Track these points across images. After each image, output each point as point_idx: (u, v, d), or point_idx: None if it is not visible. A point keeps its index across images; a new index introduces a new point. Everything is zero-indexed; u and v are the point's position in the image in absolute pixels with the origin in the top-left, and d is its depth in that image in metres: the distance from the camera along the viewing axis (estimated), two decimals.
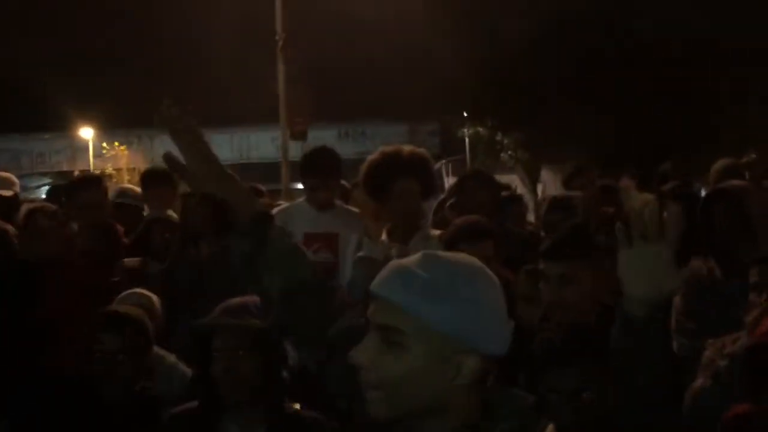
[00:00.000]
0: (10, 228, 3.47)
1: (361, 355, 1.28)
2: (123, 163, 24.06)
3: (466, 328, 1.27)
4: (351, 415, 2.22)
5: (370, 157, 3.42)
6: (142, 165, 24.74)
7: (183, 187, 4.24)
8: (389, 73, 19.87)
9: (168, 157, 1.59)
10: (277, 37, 16.55)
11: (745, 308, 2.45)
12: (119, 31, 23.19)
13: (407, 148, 3.51)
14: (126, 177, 23.42)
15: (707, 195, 2.94)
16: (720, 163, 4.32)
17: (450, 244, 2.89)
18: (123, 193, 4.27)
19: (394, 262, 1.34)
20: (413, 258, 1.33)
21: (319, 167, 3.69)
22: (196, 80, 20.89)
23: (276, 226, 1.60)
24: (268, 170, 21.52)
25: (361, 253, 3.22)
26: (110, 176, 23.13)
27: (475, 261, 1.36)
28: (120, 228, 3.59)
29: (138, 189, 4.40)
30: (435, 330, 1.27)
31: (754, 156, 4.28)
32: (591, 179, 4.65)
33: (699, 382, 2.39)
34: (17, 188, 4.28)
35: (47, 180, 23.63)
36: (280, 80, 16.48)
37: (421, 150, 3.54)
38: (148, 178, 4.24)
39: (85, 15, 23.05)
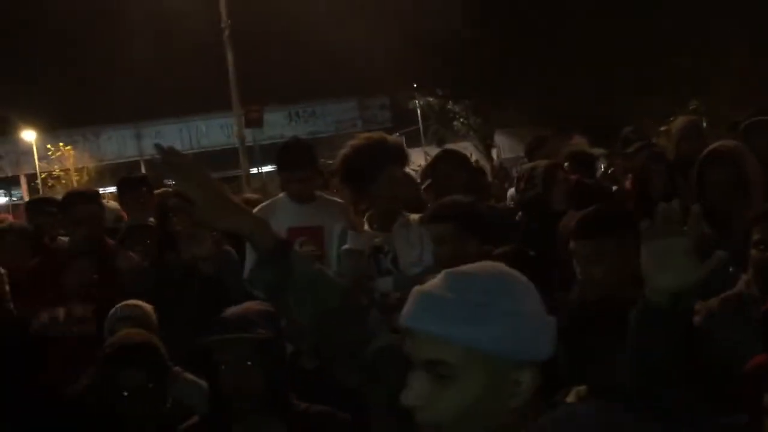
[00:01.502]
0: None
1: (413, 396, 1.22)
2: (70, 163, 23.44)
3: (516, 341, 1.22)
4: None
5: (353, 144, 3.41)
6: (90, 164, 24.23)
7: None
8: (335, 51, 19.70)
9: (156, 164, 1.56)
10: (223, 25, 16.26)
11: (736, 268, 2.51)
12: (60, 29, 22.43)
13: (389, 136, 3.51)
14: (75, 177, 22.87)
15: (703, 157, 2.97)
16: (680, 121, 4.44)
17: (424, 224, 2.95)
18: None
19: (419, 290, 1.27)
20: (437, 281, 1.28)
21: (293, 162, 3.66)
22: (141, 73, 20.41)
23: (297, 254, 1.57)
24: (221, 157, 21.25)
25: (346, 246, 3.24)
26: (59, 178, 22.58)
27: (501, 267, 1.30)
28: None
29: (113, 204, 4.31)
30: (485, 353, 1.21)
31: (697, 103, 4.44)
32: (554, 148, 4.73)
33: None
34: None
35: None
36: (229, 67, 16.23)
37: (398, 140, 3.56)
38: (124, 185, 4.16)
39: (22, 14, 22.24)
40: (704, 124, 5.43)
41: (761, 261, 2.31)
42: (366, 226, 3.33)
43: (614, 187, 4.79)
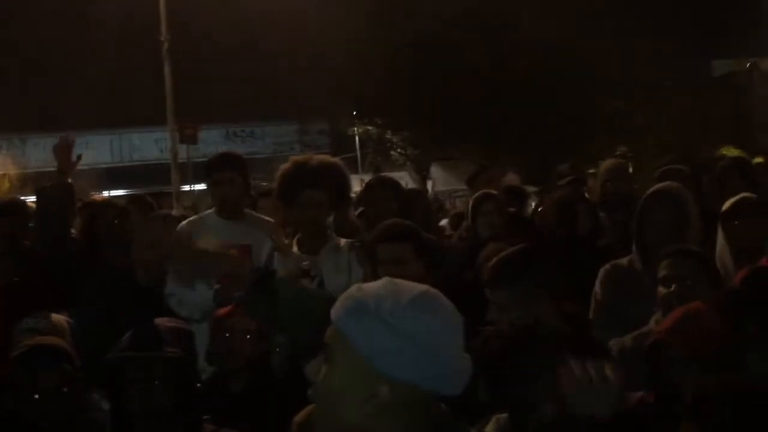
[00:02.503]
0: None
1: (312, 370, 1.39)
2: None
3: (383, 355, 1.25)
4: None
5: (283, 166, 3.39)
6: (13, 170, 23.27)
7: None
8: (277, 73, 19.63)
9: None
10: (162, 38, 16.01)
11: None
12: None
13: (318, 157, 3.49)
14: None
15: (648, 195, 3.05)
16: (608, 163, 4.60)
17: (370, 246, 2.92)
18: None
19: (356, 286, 1.37)
20: (376, 282, 1.36)
21: (223, 162, 3.60)
22: (73, 80, 19.84)
23: (282, 281, 1.71)
24: (151, 172, 20.78)
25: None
26: None
27: (437, 296, 1.33)
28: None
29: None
30: (355, 349, 1.27)
31: (623, 149, 4.64)
32: (494, 177, 4.80)
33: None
34: None
35: None
36: (167, 81, 15.96)
37: (333, 160, 3.53)
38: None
39: None
40: (630, 169, 5.66)
41: (666, 297, 2.39)
42: (295, 248, 3.29)
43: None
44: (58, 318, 2.77)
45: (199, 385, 2.21)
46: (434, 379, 1.27)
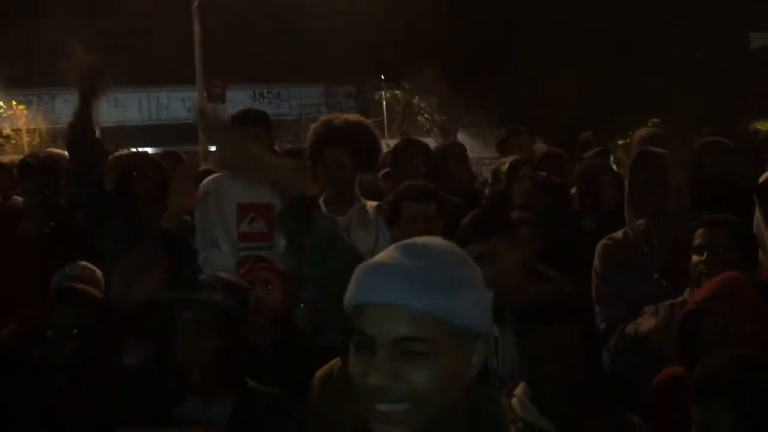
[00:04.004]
0: None
1: (380, 375, 1.11)
2: (22, 123, 22.74)
3: (479, 314, 1.17)
4: None
5: (313, 125, 3.38)
6: (43, 125, 23.53)
7: None
8: (306, 35, 19.49)
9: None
10: None
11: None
12: None
13: (345, 116, 3.45)
14: (26, 138, 22.18)
15: (636, 156, 3.03)
16: (641, 131, 4.51)
17: (395, 203, 2.91)
18: None
19: (376, 263, 1.18)
20: (392, 253, 1.18)
21: (252, 118, 3.59)
22: (103, 38, 19.89)
23: (321, 213, 1.68)
24: (179, 131, 20.87)
25: None
26: (8, 137, 21.89)
27: (442, 239, 1.24)
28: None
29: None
30: (456, 326, 1.13)
31: (655, 120, 4.55)
32: (525, 142, 4.73)
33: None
34: None
35: None
36: (195, 40, 15.93)
37: (358, 119, 3.48)
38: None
39: None
40: None
41: (696, 264, 2.38)
42: (323, 208, 3.28)
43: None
44: (93, 268, 2.81)
45: (244, 339, 2.20)
46: (490, 321, 1.22)
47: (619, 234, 2.95)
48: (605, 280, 2.83)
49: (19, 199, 3.68)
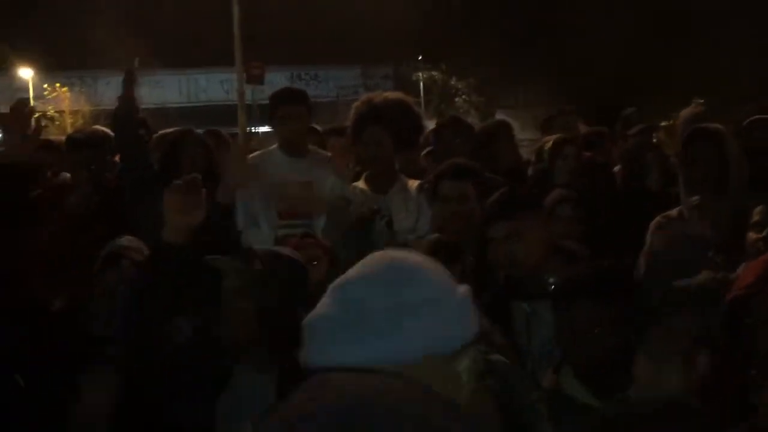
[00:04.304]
0: None
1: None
2: (65, 105, 23.17)
3: (442, 333, 1.05)
4: None
5: (355, 104, 3.39)
6: (86, 107, 23.96)
7: None
8: (343, 16, 19.44)
9: None
10: None
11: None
12: None
13: (386, 94, 3.44)
14: (69, 119, 22.61)
15: (691, 133, 2.98)
16: (687, 111, 4.40)
17: (434, 181, 2.90)
18: None
19: (311, 323, 1.09)
20: (328, 306, 1.09)
21: (291, 96, 3.62)
22: (143, 20, 20.10)
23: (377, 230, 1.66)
24: (218, 113, 21.05)
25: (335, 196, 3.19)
26: (53, 119, 22.33)
27: (386, 257, 1.14)
28: None
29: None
30: (414, 359, 1.02)
31: (699, 100, 4.43)
32: (572, 122, 4.66)
33: None
34: None
35: None
36: (235, 22, 15.99)
37: (399, 97, 3.46)
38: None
39: None
40: None
41: (754, 242, 2.33)
42: (363, 185, 3.28)
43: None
44: (139, 242, 2.86)
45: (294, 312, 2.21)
46: (471, 325, 1.19)
47: (673, 212, 2.91)
48: (658, 258, 2.79)
49: (67, 175, 3.75)
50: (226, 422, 2.04)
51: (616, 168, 4.13)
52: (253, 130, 17.56)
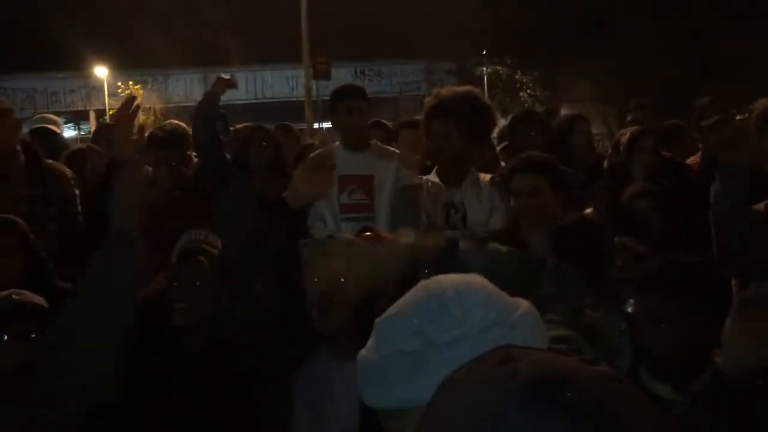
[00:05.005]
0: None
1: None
2: (138, 102, 23.90)
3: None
4: None
5: (427, 98, 3.40)
6: (157, 104, 24.71)
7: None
8: (406, 12, 19.43)
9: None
10: None
11: None
12: None
13: (455, 88, 3.43)
14: (141, 116, 23.32)
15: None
16: (765, 103, 4.22)
17: (507, 175, 2.88)
18: None
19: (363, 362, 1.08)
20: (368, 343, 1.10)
21: (350, 91, 3.67)
22: (211, 18, 20.56)
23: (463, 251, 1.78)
24: (284, 109, 21.36)
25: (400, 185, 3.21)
26: None
27: (426, 287, 1.09)
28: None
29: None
30: None
31: None
32: (648, 115, 4.56)
33: None
34: (62, 128, 4.27)
35: (62, 119, 23.55)
36: (302, 18, 16.16)
37: (467, 90, 3.44)
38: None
39: None
40: None
41: None
42: (435, 178, 3.29)
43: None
44: (215, 236, 2.94)
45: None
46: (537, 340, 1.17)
47: (761, 206, 2.81)
48: (741, 254, 2.70)
49: (149, 168, 3.88)
50: (305, 410, 2.08)
51: (692, 159, 4.01)
52: (318, 126, 17.77)
